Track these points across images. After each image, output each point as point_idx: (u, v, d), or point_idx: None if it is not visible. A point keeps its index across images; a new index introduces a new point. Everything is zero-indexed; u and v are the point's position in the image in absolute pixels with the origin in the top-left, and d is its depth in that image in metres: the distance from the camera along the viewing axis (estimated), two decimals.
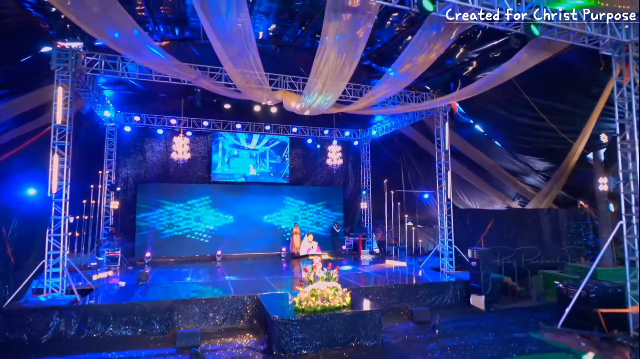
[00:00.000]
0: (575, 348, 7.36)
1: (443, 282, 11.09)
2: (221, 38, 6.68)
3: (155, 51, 8.25)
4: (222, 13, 5.94)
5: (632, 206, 7.55)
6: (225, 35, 6.63)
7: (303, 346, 7.10)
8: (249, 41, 6.63)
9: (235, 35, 6.65)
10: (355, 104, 10.39)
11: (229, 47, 6.69)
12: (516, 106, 11.58)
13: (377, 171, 18.83)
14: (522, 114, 11.66)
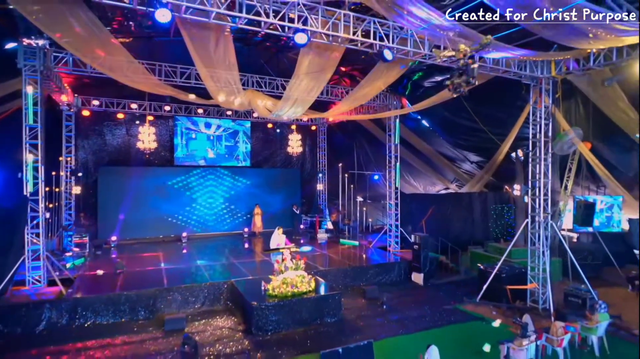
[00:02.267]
0: (488, 316, 9.46)
1: (390, 262, 12.97)
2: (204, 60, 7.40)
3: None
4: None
5: (537, 208, 9.62)
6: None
7: (277, 326, 8.56)
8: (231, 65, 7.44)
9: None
10: (322, 114, 11.56)
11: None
12: (458, 109, 13.27)
13: (333, 153, 20.23)
14: (463, 117, 13.42)
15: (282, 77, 12.76)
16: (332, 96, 13.56)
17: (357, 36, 6.73)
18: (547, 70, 9.04)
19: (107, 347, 7.97)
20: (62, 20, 7.07)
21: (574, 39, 6.86)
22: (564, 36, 6.94)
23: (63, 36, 8.31)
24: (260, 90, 11.84)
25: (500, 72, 8.86)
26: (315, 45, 7.52)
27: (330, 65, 7.79)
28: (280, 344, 8.03)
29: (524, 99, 10.96)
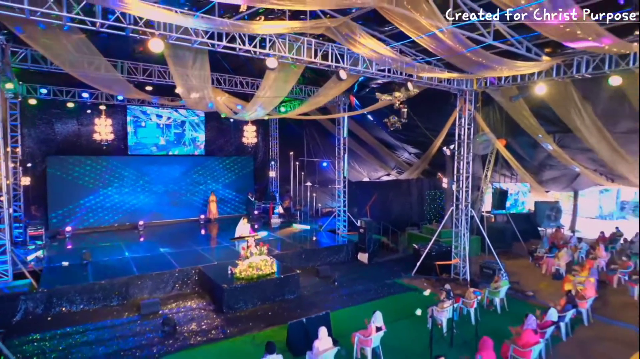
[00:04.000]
0: (420, 287, 11.42)
1: (339, 244, 14.61)
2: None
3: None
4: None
5: (460, 197, 11.68)
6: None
7: (245, 304, 9.82)
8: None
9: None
10: (282, 115, 12.68)
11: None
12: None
13: (284, 142, 21.33)
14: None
15: (239, 75, 13.60)
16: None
17: (318, 58, 7.92)
18: (470, 84, 10.93)
19: (87, 332, 8.67)
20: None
21: (484, 71, 8.75)
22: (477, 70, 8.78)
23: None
24: (220, 87, 12.58)
25: (434, 84, 10.55)
26: (281, 63, 8.57)
27: (292, 79, 8.91)
28: (250, 319, 9.30)
29: (453, 104, 12.85)
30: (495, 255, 12.49)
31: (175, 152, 18.55)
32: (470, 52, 7.19)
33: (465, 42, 7.07)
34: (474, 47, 7.07)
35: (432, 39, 6.87)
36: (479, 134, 12.37)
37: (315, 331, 7.05)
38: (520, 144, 15.05)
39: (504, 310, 9.79)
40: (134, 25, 5.84)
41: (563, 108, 11.15)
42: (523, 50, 8.21)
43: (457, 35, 6.75)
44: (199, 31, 6.36)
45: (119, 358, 7.62)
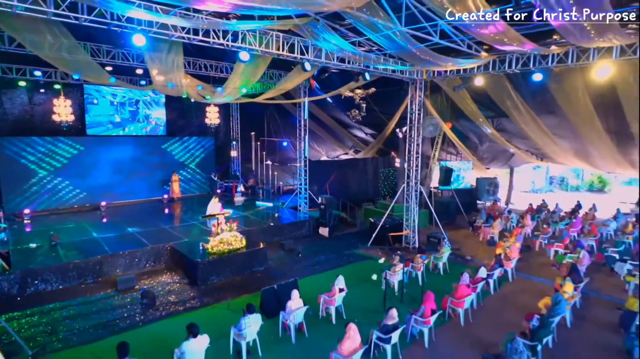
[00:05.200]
0: (375, 256, 12.75)
1: (301, 220, 15.66)
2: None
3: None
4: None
5: (410, 176, 13.04)
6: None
7: (217, 277, 10.65)
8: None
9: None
10: (250, 99, 13.28)
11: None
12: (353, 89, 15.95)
13: (246, 122, 21.75)
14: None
15: (204, 59, 13.87)
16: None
17: (285, 51, 8.61)
18: (420, 74, 12.11)
19: (68, 307, 9.11)
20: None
21: (431, 66, 9.91)
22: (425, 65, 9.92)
23: None
24: (186, 71, 12.83)
25: (389, 74, 11.60)
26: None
27: (261, 69, 9.54)
28: (223, 290, 10.16)
29: (406, 91, 14.06)
30: (441, 226, 14.13)
31: (131, 128, 18.41)
32: (419, 50, 8.24)
33: (414, 42, 8.10)
34: (419, 45, 8.12)
35: (386, 38, 7.83)
36: (427, 118, 13.69)
37: (285, 296, 8.10)
38: (463, 127, 16.70)
39: (446, 272, 11.39)
40: (117, 21, 6.24)
41: (499, 96, 12.70)
42: (465, 48, 9.39)
43: (407, 36, 7.74)
44: (176, 26, 6.84)
45: (104, 328, 8.21)
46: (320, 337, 7.74)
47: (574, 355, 7.32)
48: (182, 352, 6.10)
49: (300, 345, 7.55)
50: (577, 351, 7.45)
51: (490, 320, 8.58)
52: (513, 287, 10.55)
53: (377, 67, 10.39)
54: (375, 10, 6.65)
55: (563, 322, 8.25)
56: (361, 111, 11.16)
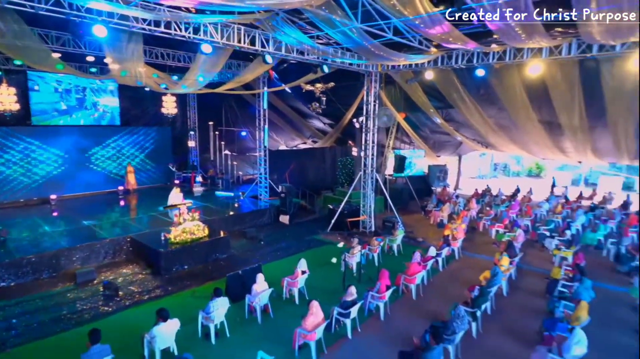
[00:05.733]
0: (335, 240, 13.39)
1: (262, 209, 15.97)
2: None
3: None
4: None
5: (367, 164, 13.74)
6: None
7: (181, 266, 10.79)
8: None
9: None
10: (211, 90, 13.26)
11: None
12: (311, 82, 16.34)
13: (203, 112, 21.49)
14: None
15: (161, 47, 13.63)
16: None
17: (246, 44, 8.81)
18: (375, 67, 12.72)
19: (23, 303, 8.90)
20: None
21: (385, 61, 10.52)
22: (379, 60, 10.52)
23: None
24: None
25: (346, 66, 12.10)
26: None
27: (221, 61, 9.65)
28: (187, 278, 10.34)
29: (362, 83, 14.67)
30: (395, 211, 15.03)
31: (78, 115, 17.65)
32: (374, 46, 8.78)
33: (368, 38, 8.62)
34: (374, 41, 8.66)
35: (343, 34, 8.28)
36: (382, 109, 14.41)
37: (250, 281, 8.49)
38: (415, 117, 17.66)
39: (400, 253, 12.25)
40: (76, 11, 6.18)
41: (447, 89, 13.64)
42: (416, 44, 10.06)
43: (362, 33, 8.24)
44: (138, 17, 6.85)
45: (66, 321, 8.16)
46: (285, 317, 8.21)
47: (508, 318, 8.35)
48: (153, 336, 6.36)
49: (266, 325, 7.99)
50: (510, 315, 8.51)
51: (439, 294, 9.48)
52: (459, 264, 11.60)
53: (334, 60, 10.85)
54: (334, 8, 7.07)
55: (500, 292, 9.33)
56: (321, 104, 11.74)
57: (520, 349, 7.07)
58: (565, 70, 10.75)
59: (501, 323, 8.17)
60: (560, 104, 12.21)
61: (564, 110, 12.37)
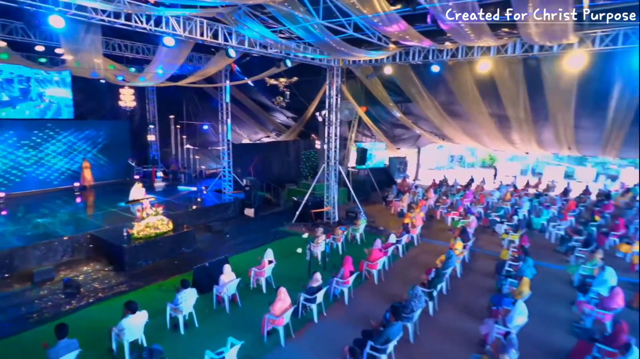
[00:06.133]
0: (300, 231, 13.73)
1: (226, 202, 15.97)
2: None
3: None
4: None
5: (330, 156, 14.11)
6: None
7: (146, 261, 10.69)
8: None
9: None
10: (173, 83, 13.04)
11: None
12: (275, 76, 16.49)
13: (163, 105, 20.97)
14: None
15: (118, 38, 13.24)
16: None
17: (209, 37, 8.83)
18: (337, 62, 13.07)
19: None
20: None
21: (346, 56, 10.88)
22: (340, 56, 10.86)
23: None
24: None
25: (308, 61, 12.35)
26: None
27: (183, 54, 9.59)
28: (153, 273, 10.28)
29: (325, 77, 14.98)
30: (358, 202, 15.55)
31: (22, 107, 16.70)
32: (335, 41, 9.09)
33: (330, 34, 8.92)
34: (335, 37, 8.98)
35: (304, 29, 8.53)
36: (344, 102, 14.81)
37: (217, 272, 8.63)
38: (376, 111, 18.24)
39: (363, 242, 12.76)
40: (30, 0, 5.99)
41: (405, 84, 14.24)
42: (375, 40, 10.48)
43: (323, 29, 8.53)
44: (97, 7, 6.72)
45: (25, 321, 7.93)
46: (253, 306, 8.44)
47: (462, 297, 9.04)
48: (121, 328, 6.40)
49: (234, 314, 8.19)
50: (464, 294, 9.21)
51: (399, 278, 10.05)
52: (418, 250, 12.29)
53: (297, 55, 11.07)
54: (296, 4, 7.29)
55: (455, 274, 10.05)
56: (285, 97, 11.96)
57: (471, 323, 7.73)
58: (511, 67, 11.60)
59: (455, 302, 8.84)
60: (508, 98, 13.13)
61: (511, 104, 13.31)
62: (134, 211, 11.68)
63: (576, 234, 12.23)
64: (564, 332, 7.60)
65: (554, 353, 6.93)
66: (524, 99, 12.80)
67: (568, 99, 11.92)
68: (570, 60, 9.45)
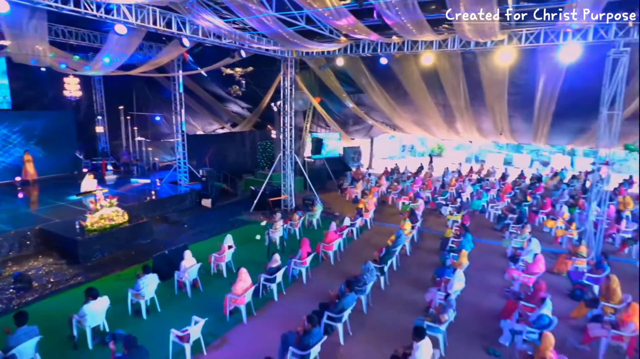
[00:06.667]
0: (258, 219, 14.01)
1: (183, 194, 15.89)
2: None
3: None
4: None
5: (286, 146, 14.50)
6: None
7: (101, 253, 10.55)
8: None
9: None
10: (124, 72, 12.72)
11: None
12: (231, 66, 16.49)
13: (111, 95, 20.20)
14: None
15: (62, 24, 12.70)
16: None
17: (162, 26, 8.83)
18: (291, 53, 13.40)
19: None
20: None
21: (299, 48, 11.27)
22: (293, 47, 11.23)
23: None
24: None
25: (263, 51, 12.58)
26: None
27: (135, 41, 9.47)
28: (109, 264, 10.19)
29: (279, 67, 15.25)
30: (314, 190, 16.09)
31: None
32: (288, 33, 9.44)
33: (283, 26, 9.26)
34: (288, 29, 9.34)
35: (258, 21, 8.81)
36: (298, 93, 15.19)
37: (177, 259, 8.80)
38: (330, 101, 18.80)
39: (319, 227, 13.33)
40: None
41: (356, 75, 14.88)
42: (327, 33, 10.93)
43: (277, 20, 8.85)
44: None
45: None
46: (215, 290, 8.70)
47: (410, 272, 9.87)
48: (83, 314, 6.48)
49: (196, 298, 8.42)
50: (412, 269, 10.05)
51: (354, 258, 10.70)
52: (371, 233, 13.06)
53: (251, 45, 11.28)
54: None
55: (405, 252, 10.88)
56: (241, 87, 12.19)
57: (418, 294, 8.51)
58: (451, 60, 12.55)
59: (404, 276, 9.64)
60: (450, 89, 14.16)
61: (453, 95, 14.37)
62: (86, 203, 11.42)
63: (511, 212, 13.56)
64: (497, 296, 8.59)
65: (488, 312, 7.87)
66: (464, 90, 13.87)
67: (502, 90, 13.11)
68: (501, 55, 10.47)
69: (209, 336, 6.85)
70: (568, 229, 11.94)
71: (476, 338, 7.04)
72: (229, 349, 6.74)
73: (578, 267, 9.26)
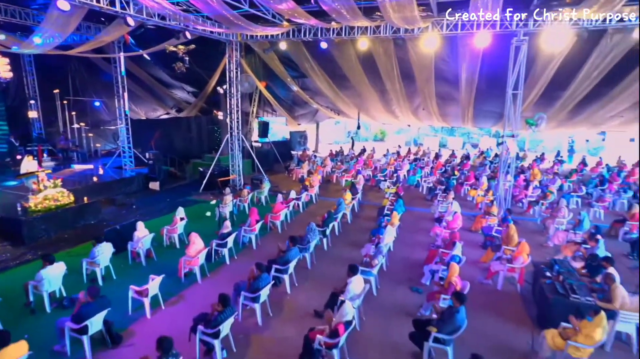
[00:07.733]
0: (207, 199, 14.48)
1: (129, 177, 15.83)
2: None
3: None
4: None
5: (233, 128, 14.97)
6: None
7: (48, 233, 10.53)
8: None
9: None
10: (64, 52, 12.39)
11: None
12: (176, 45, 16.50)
13: (45, 78, 19.23)
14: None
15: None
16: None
17: (106, 4, 8.96)
18: (235, 36, 13.84)
19: None
20: None
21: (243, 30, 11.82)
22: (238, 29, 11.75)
23: None
24: None
25: (207, 34, 12.92)
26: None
27: (75, 20, 9.44)
28: (56, 243, 10.23)
29: (224, 50, 15.60)
30: (263, 171, 16.74)
31: None
32: (232, 15, 9.97)
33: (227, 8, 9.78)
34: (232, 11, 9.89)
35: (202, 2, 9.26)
36: (243, 76, 15.66)
37: (129, 234, 9.14)
38: (276, 86, 19.41)
39: (267, 203, 14.09)
40: None
41: (299, 59, 15.63)
42: (270, 17, 11.57)
43: (221, 2, 9.37)
44: None
45: None
46: (168, 259, 9.15)
47: (351, 236, 10.98)
48: (40, 279, 6.78)
49: (151, 266, 8.85)
50: (352, 233, 11.18)
51: (300, 227, 11.50)
52: (316, 206, 14.04)
53: (196, 27, 11.62)
54: None
55: (346, 220, 11.99)
56: (185, 63, 12.46)
57: (356, 252, 9.60)
58: (384, 46, 13.70)
59: (345, 239, 10.74)
60: (385, 73, 15.37)
61: (388, 79, 15.62)
62: (28, 184, 11.20)
63: (440, 184, 15.20)
64: (423, 250, 9.93)
65: (415, 262, 9.15)
66: (397, 74, 15.15)
67: (429, 75, 14.54)
68: (425, 42, 11.77)
69: (166, 294, 7.41)
70: (486, 196, 13.74)
71: (404, 281, 8.26)
72: (185, 304, 7.36)
73: (490, 224, 10.88)
